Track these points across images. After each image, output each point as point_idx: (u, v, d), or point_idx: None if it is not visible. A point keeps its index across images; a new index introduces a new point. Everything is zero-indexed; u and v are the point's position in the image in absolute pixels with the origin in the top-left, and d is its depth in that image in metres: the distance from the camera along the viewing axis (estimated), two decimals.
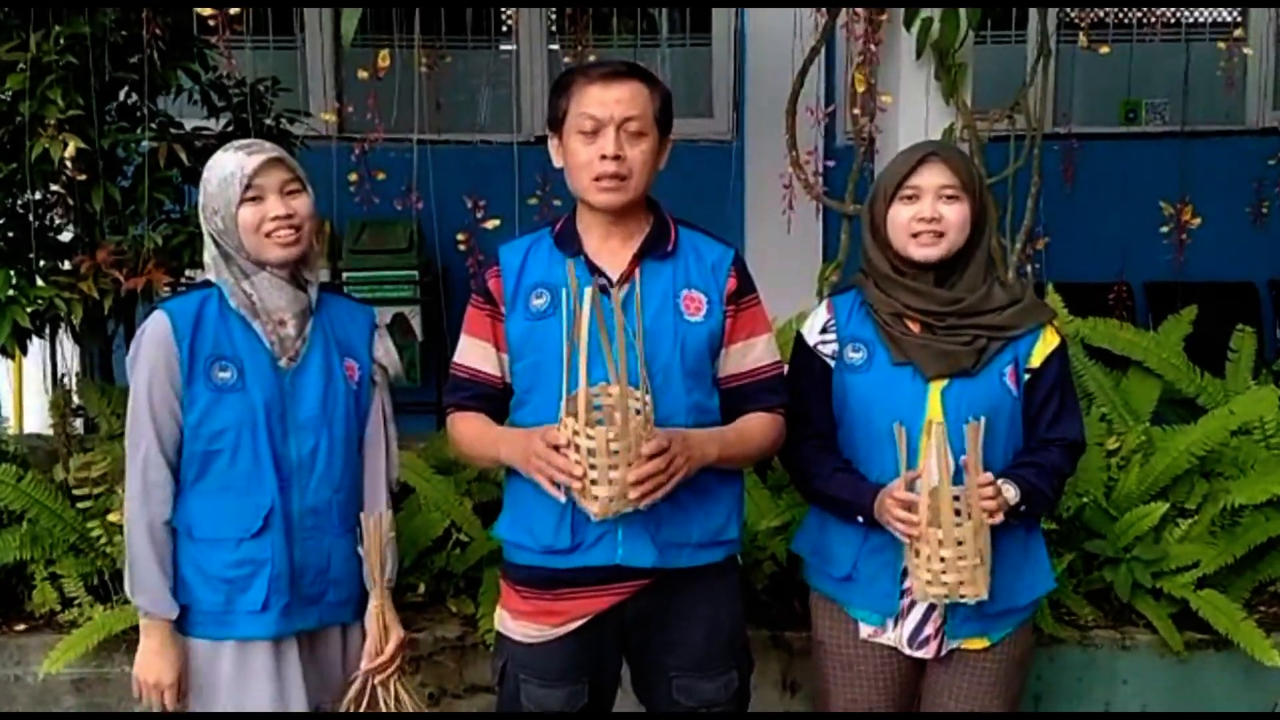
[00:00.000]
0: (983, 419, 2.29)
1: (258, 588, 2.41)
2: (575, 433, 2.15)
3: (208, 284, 2.45)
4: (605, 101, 2.30)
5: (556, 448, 2.19)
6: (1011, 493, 2.34)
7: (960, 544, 2.25)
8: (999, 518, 2.29)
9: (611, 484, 2.16)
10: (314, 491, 2.44)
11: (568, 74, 2.40)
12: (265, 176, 2.37)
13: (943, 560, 2.26)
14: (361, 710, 2.55)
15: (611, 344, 2.17)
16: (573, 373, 2.18)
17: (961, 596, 2.28)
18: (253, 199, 2.36)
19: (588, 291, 2.14)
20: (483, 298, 2.44)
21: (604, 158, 2.30)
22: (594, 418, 2.20)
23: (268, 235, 2.37)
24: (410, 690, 2.57)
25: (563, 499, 2.25)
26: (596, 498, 2.17)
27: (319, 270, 2.50)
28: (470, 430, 2.46)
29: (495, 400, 2.47)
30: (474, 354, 2.46)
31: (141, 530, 2.41)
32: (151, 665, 2.42)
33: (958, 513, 2.27)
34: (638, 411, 2.18)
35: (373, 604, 2.52)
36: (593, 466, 2.15)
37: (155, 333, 2.39)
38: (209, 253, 2.44)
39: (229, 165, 2.38)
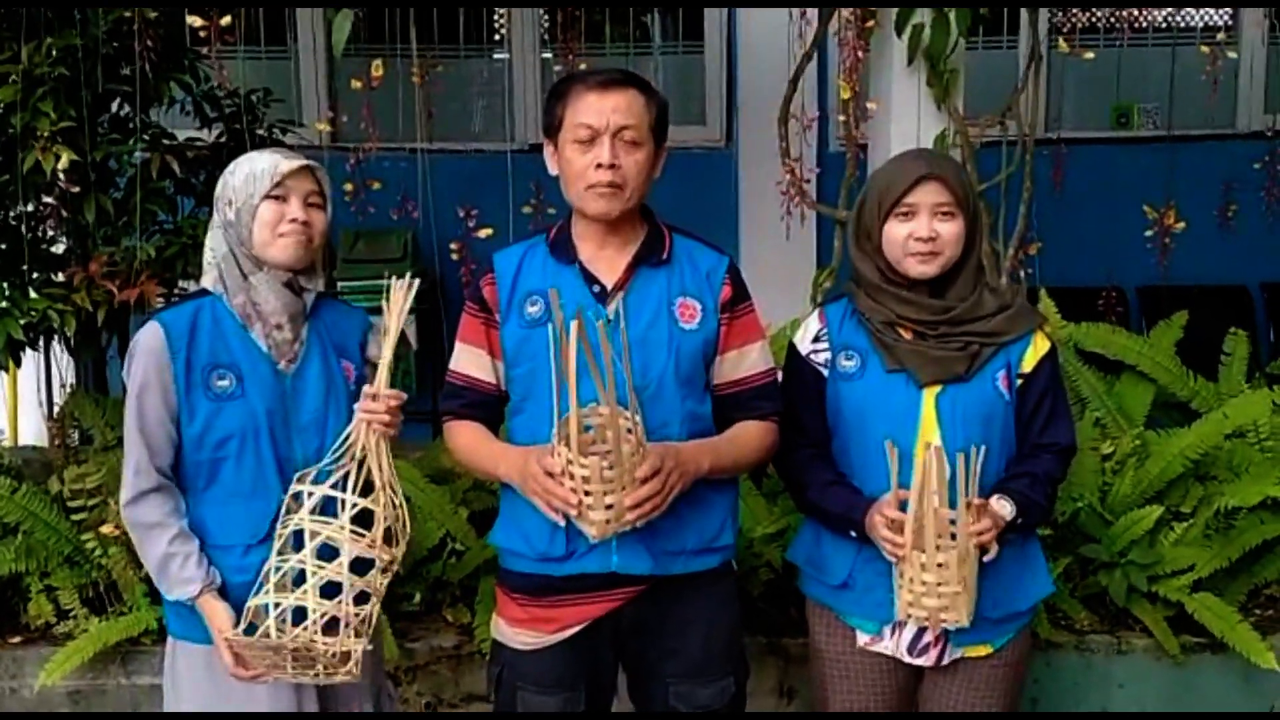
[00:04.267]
0: (983, 447, 2.29)
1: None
2: (569, 461, 2.15)
3: (203, 293, 2.46)
4: (601, 110, 2.30)
5: (552, 474, 2.19)
6: (1007, 509, 2.35)
7: (943, 568, 2.24)
8: (993, 552, 2.30)
9: (609, 509, 2.16)
10: None
11: (564, 81, 2.40)
12: (295, 180, 2.40)
13: (924, 584, 2.26)
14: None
15: (599, 364, 2.15)
16: (563, 398, 2.17)
17: (942, 621, 2.28)
18: (277, 196, 2.39)
19: (573, 325, 2.12)
20: (477, 305, 2.44)
21: (599, 166, 2.30)
22: (586, 440, 2.20)
23: (280, 235, 2.38)
24: (391, 465, 2.36)
25: (561, 522, 2.25)
26: (594, 522, 2.17)
27: (318, 281, 2.51)
28: (468, 442, 2.46)
29: (491, 407, 2.47)
30: (469, 361, 2.46)
31: (150, 533, 2.40)
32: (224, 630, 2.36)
33: (954, 536, 2.25)
34: (629, 431, 2.18)
35: (384, 357, 2.39)
36: (588, 493, 2.15)
37: (148, 345, 2.39)
38: (215, 253, 2.44)
39: (262, 162, 2.40)
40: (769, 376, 2.48)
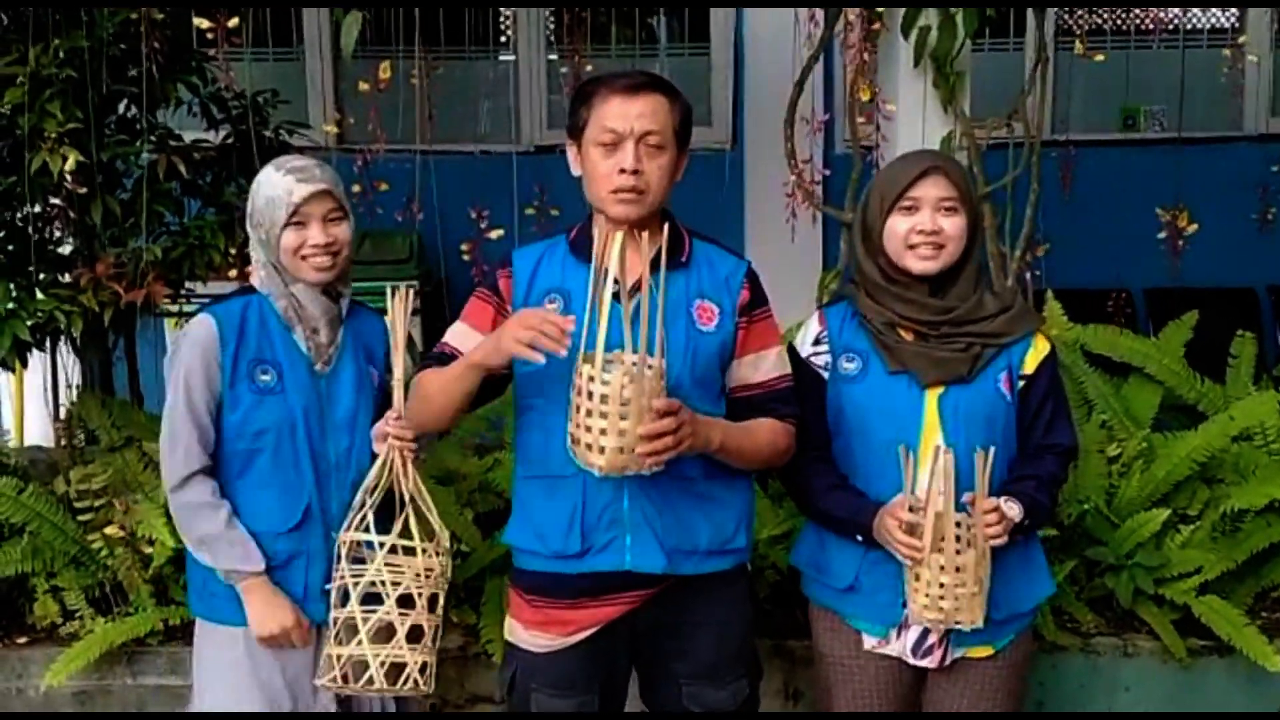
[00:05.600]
0: (991, 449, 2.29)
1: (294, 580, 2.52)
2: (590, 379, 2.14)
3: (250, 290, 2.57)
4: (626, 115, 2.31)
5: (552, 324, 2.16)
6: (1015, 510, 2.36)
7: (960, 571, 2.25)
8: (1003, 539, 2.30)
9: (622, 435, 2.13)
10: (349, 489, 2.52)
11: (590, 83, 2.40)
12: (311, 205, 2.48)
13: (942, 586, 2.26)
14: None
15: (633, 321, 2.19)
16: (591, 331, 2.17)
17: (957, 623, 2.29)
18: (297, 224, 2.47)
19: (618, 235, 2.16)
20: (490, 291, 2.44)
21: (622, 171, 2.30)
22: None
23: (304, 258, 2.49)
24: (422, 479, 2.49)
25: (540, 360, 2.18)
26: (604, 449, 2.14)
27: (350, 283, 2.63)
28: (431, 373, 2.40)
29: None
30: (461, 339, 2.42)
31: (201, 511, 2.50)
32: (271, 617, 2.49)
33: (959, 538, 2.26)
34: (650, 367, 2.16)
35: (397, 375, 2.48)
36: (603, 415, 2.13)
37: (200, 336, 2.50)
38: (258, 257, 2.56)
39: (278, 187, 2.48)
40: (785, 382, 2.47)
